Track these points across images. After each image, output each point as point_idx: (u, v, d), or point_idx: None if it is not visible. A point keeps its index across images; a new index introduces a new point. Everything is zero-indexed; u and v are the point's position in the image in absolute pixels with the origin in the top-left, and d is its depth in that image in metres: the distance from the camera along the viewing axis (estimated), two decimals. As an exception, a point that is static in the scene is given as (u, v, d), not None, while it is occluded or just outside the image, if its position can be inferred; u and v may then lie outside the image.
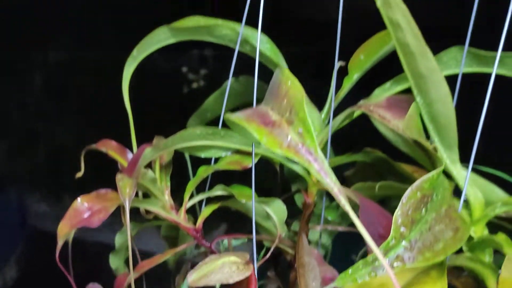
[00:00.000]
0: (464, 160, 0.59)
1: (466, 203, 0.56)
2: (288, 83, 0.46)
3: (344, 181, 0.86)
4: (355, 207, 0.75)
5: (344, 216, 0.73)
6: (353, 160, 0.74)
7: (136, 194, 0.66)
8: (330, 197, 0.74)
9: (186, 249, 0.79)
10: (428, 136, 0.55)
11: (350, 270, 0.45)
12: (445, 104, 0.52)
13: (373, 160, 0.74)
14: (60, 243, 0.58)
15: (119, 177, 0.58)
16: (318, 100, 0.70)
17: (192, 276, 0.50)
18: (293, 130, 0.43)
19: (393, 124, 0.58)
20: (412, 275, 0.48)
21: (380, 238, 0.54)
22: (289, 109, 0.44)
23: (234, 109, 0.81)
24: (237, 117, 0.46)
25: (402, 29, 0.49)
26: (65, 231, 0.58)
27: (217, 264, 0.51)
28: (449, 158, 0.55)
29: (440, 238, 0.46)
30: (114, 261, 0.74)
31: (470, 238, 0.56)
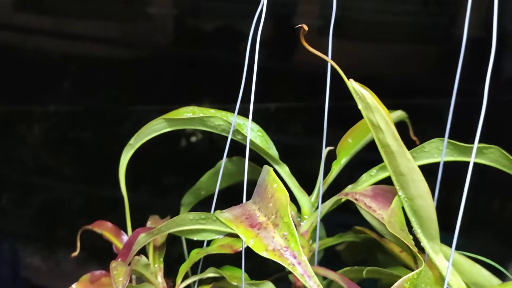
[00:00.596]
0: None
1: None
2: (274, 186, 0.49)
3: (336, 256, 0.87)
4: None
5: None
6: (342, 241, 0.76)
7: (130, 279, 0.67)
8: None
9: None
10: (411, 227, 0.57)
11: None
12: (425, 200, 0.54)
13: (363, 240, 0.75)
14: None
15: (113, 265, 0.59)
16: (310, 158, 0.72)
17: None
18: (278, 233, 0.45)
19: (378, 214, 0.61)
20: None
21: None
22: (275, 212, 0.47)
23: (228, 187, 0.83)
24: (226, 218, 0.49)
25: (383, 131, 0.52)
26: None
27: None
28: (431, 248, 0.57)
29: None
30: None
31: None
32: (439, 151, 0.65)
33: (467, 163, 0.65)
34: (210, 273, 0.71)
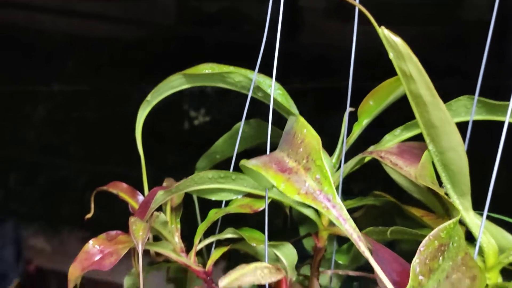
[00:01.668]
0: (476, 207, 0.59)
1: (480, 249, 0.55)
2: (304, 131, 0.46)
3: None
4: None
5: (355, 260, 0.72)
6: (363, 204, 0.74)
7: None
8: (340, 241, 0.73)
9: (195, 292, 0.77)
10: (441, 183, 0.55)
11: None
12: (457, 152, 0.52)
13: (382, 203, 0.73)
14: (70, 286, 0.57)
15: (132, 220, 0.57)
16: (327, 140, 0.70)
17: (224, 281, 0.50)
18: (310, 177, 0.43)
19: (405, 171, 0.58)
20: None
21: (395, 285, 0.53)
22: (306, 157, 0.44)
23: (244, 152, 0.81)
24: (254, 165, 0.46)
25: (415, 81, 0.50)
26: (76, 274, 0.57)
27: (249, 268, 0.51)
28: (462, 205, 0.55)
29: (458, 286, 0.45)
30: (122, 305, 0.73)
31: (485, 285, 0.55)
32: (467, 109, 0.62)
33: (495, 123, 0.63)
34: (228, 234, 0.68)
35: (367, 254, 0.41)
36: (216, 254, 0.68)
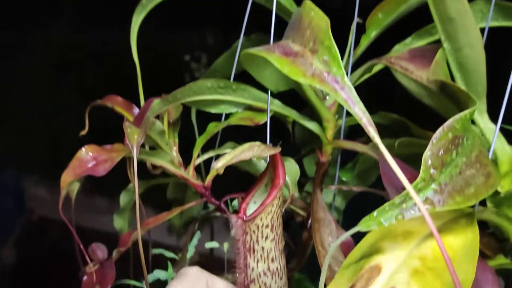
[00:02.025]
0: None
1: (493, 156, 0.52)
2: (311, 14, 0.42)
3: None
4: (374, 166, 0.71)
5: (360, 177, 0.69)
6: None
7: (143, 146, 0.62)
8: (344, 159, 0.70)
9: (193, 210, 0.75)
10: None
11: (375, 213, 0.41)
12: (475, 48, 0.48)
13: (389, 122, 0.70)
14: (63, 193, 0.55)
15: (126, 124, 0.54)
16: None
17: (222, 160, 0.48)
18: (317, 59, 0.39)
19: (417, 75, 0.55)
20: (440, 223, 0.45)
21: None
22: (313, 39, 0.41)
23: (244, 71, 0.77)
24: (256, 51, 0.43)
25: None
26: (68, 180, 0.54)
27: (245, 146, 0.50)
28: (476, 108, 0.51)
29: (471, 183, 0.42)
30: (118, 222, 0.70)
31: (497, 192, 0.53)
32: (483, 15, 0.58)
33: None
34: (228, 149, 0.66)
35: (377, 139, 0.38)
36: (215, 169, 0.66)
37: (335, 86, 0.38)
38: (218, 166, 0.48)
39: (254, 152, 0.50)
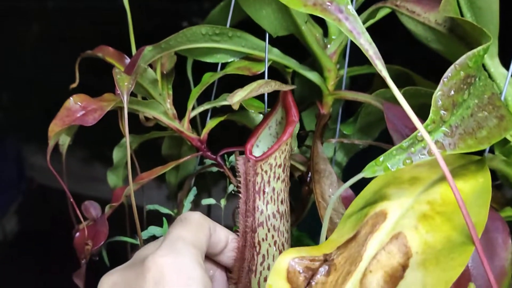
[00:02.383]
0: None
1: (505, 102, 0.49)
2: None
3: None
4: (376, 120, 0.68)
5: (362, 132, 0.67)
6: (371, 72, 0.67)
7: (135, 96, 0.59)
8: (346, 113, 0.67)
9: (189, 167, 0.73)
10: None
11: (381, 158, 0.38)
12: (488, -16, 0.44)
13: (393, 74, 0.67)
14: (51, 143, 0.52)
15: (116, 71, 0.51)
16: None
17: (238, 94, 0.46)
18: (319, -13, 0.36)
19: (424, 18, 0.51)
20: (449, 169, 0.42)
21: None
22: (315, -33, 0.37)
23: (241, 21, 0.74)
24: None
25: None
26: (56, 130, 0.51)
27: (262, 82, 0.49)
28: (488, 51, 0.48)
29: (484, 125, 0.40)
30: (112, 179, 0.68)
31: (506, 141, 0.50)
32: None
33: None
34: (224, 101, 0.63)
35: (384, 73, 0.35)
36: (211, 123, 0.63)
37: (339, 15, 0.35)
38: (234, 100, 0.45)
39: (271, 87, 0.48)
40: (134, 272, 0.43)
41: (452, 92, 0.39)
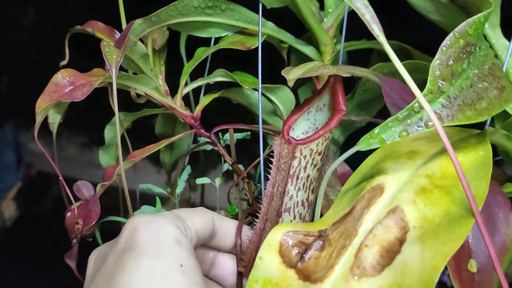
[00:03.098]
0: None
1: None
2: None
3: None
4: (373, 98, 0.67)
5: (359, 110, 0.65)
6: (369, 47, 0.66)
7: (126, 70, 0.57)
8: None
9: (183, 147, 0.71)
10: None
11: (376, 130, 0.37)
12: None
13: (392, 48, 0.65)
14: (38, 119, 0.50)
15: (104, 43, 0.49)
16: None
17: (293, 72, 0.46)
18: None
19: (423, -13, 0.50)
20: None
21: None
22: None
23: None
24: None
25: None
26: (43, 105, 0.50)
27: (319, 64, 0.49)
28: (488, 21, 0.46)
29: (484, 96, 0.38)
30: (104, 157, 0.67)
31: (507, 115, 0.48)
32: None
33: None
34: (218, 77, 0.61)
35: (382, 39, 0.33)
36: (205, 99, 0.61)
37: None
38: (291, 77, 0.44)
39: (328, 71, 0.47)
40: (116, 239, 0.44)
41: (451, 62, 0.37)
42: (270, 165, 0.48)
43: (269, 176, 0.49)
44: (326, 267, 0.35)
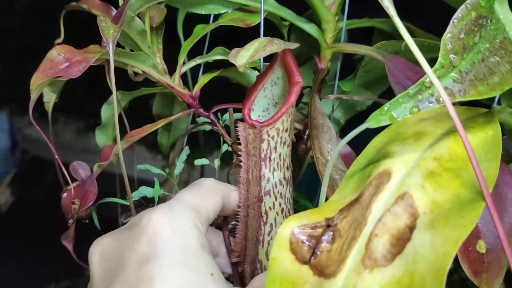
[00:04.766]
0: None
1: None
2: None
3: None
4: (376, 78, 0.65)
5: (362, 90, 0.63)
6: (371, 26, 0.64)
7: (123, 47, 0.55)
8: (345, 70, 0.64)
9: (181, 128, 0.69)
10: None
11: (386, 106, 0.35)
12: None
13: (394, 29, 0.63)
14: (33, 96, 0.48)
15: (101, 18, 0.47)
16: None
17: (240, 55, 0.42)
18: None
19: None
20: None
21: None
22: None
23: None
24: None
25: None
26: (38, 82, 0.48)
27: (264, 41, 0.45)
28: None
29: (496, 71, 0.37)
30: (101, 138, 0.65)
31: (514, 95, 0.47)
32: None
33: None
34: (217, 55, 0.59)
35: (391, 11, 0.31)
36: (204, 78, 0.59)
37: None
38: (240, 63, 0.41)
39: (275, 47, 0.44)
40: (127, 233, 0.40)
41: (463, 35, 0.35)
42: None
43: (241, 164, 0.47)
44: (338, 260, 0.34)
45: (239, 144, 0.56)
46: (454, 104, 0.36)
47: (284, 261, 0.35)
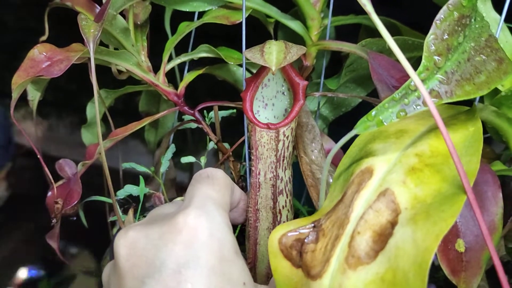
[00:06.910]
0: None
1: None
2: None
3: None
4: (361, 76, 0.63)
5: (349, 89, 0.61)
6: (356, 22, 0.62)
7: (107, 46, 0.53)
8: (332, 67, 0.62)
9: (168, 125, 0.67)
10: None
11: (373, 112, 0.34)
12: None
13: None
14: (14, 95, 0.46)
15: (82, 17, 0.45)
16: None
17: (273, 60, 0.40)
18: None
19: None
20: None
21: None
22: None
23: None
24: None
25: None
26: (19, 81, 0.46)
27: (280, 43, 0.43)
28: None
29: (482, 69, 0.35)
30: (87, 136, 0.63)
31: (497, 91, 0.46)
32: None
33: None
34: (202, 53, 0.57)
35: (369, 8, 0.30)
36: (189, 76, 0.57)
37: None
38: (274, 68, 0.39)
39: (296, 48, 0.42)
40: (158, 232, 0.38)
41: (446, 36, 0.34)
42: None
43: (252, 168, 0.45)
44: (323, 260, 0.32)
45: (225, 142, 0.54)
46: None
47: (284, 269, 0.34)
